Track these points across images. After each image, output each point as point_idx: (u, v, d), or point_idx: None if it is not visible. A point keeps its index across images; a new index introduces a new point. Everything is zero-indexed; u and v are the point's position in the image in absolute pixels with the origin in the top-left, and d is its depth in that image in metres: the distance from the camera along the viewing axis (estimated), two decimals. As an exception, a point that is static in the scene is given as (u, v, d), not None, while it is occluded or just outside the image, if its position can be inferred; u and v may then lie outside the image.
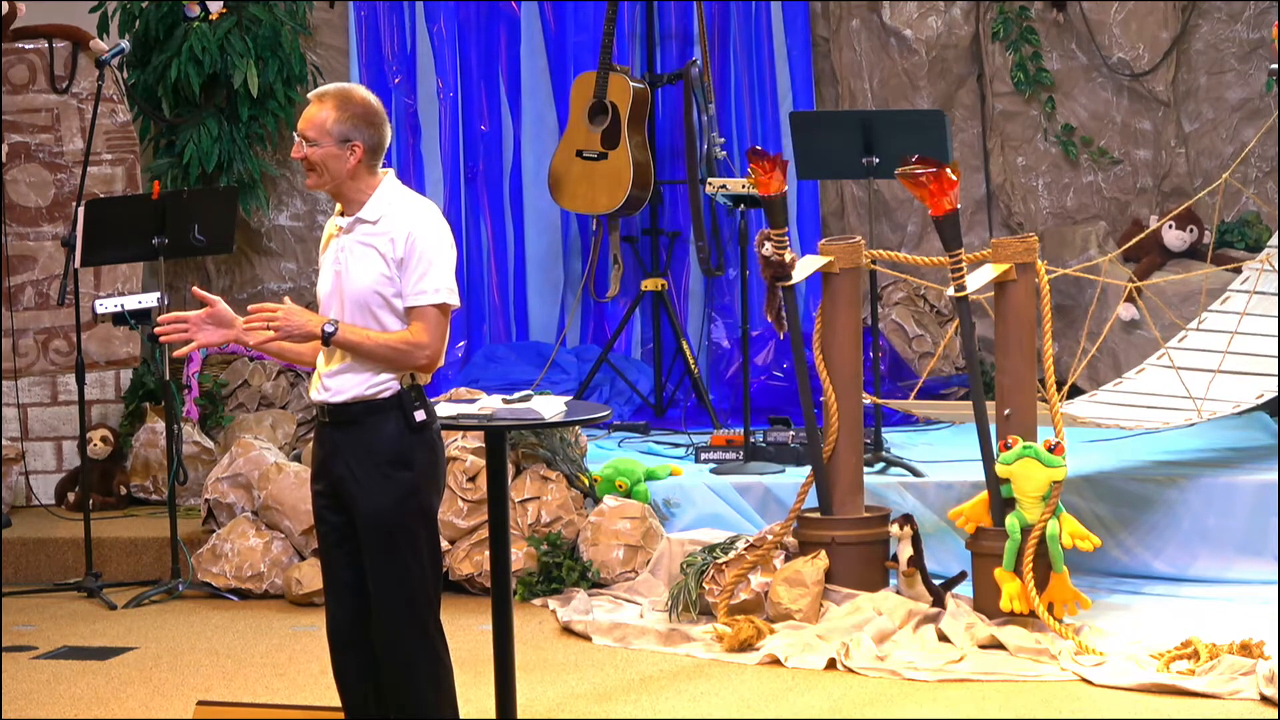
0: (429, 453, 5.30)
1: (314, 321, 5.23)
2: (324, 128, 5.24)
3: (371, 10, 10.25)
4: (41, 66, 9.39)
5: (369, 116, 5.27)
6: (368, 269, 5.25)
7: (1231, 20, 10.13)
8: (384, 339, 5.24)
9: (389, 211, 5.27)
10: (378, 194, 5.29)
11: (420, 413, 5.27)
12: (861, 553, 7.47)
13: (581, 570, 7.99)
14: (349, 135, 5.24)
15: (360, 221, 5.28)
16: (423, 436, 5.28)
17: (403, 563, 5.27)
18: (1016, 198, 10.27)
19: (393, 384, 5.26)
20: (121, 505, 9.15)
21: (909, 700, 6.58)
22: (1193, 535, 7.96)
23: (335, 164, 5.26)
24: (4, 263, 9.23)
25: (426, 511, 5.31)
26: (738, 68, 10.41)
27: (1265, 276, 8.69)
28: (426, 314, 5.24)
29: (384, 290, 5.24)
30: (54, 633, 7.76)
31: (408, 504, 5.26)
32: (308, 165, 5.29)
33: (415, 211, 5.28)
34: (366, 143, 5.25)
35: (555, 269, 10.48)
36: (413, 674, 5.31)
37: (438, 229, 5.28)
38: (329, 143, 5.24)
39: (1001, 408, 7.31)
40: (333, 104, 5.26)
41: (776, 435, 8.68)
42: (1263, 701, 6.39)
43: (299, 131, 5.29)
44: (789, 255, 7.48)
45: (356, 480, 5.27)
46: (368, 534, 5.27)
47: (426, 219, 5.27)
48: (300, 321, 5.22)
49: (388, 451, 5.25)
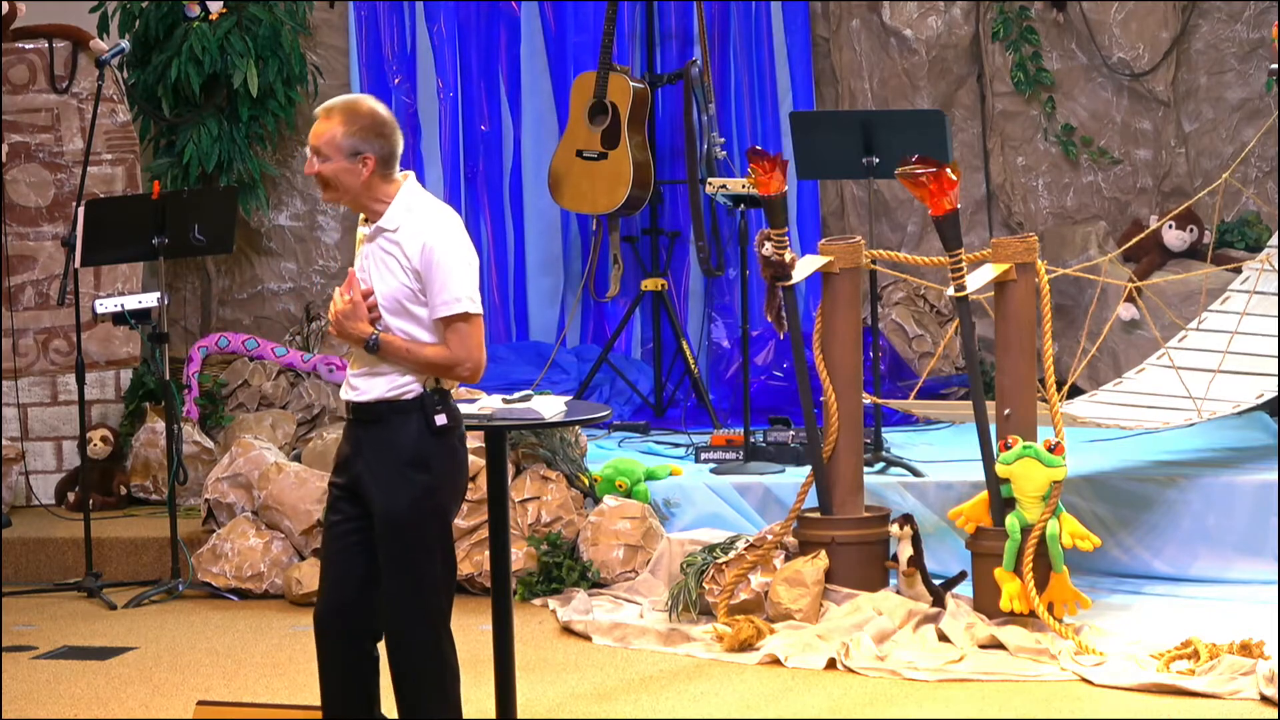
0: (449, 457, 5.30)
1: (362, 330, 5.23)
2: (334, 143, 5.21)
3: (371, 10, 10.24)
4: (41, 66, 9.39)
5: (378, 127, 5.23)
6: (389, 277, 5.25)
7: (1231, 20, 10.13)
8: (425, 353, 5.24)
9: (407, 220, 5.25)
10: (397, 201, 5.27)
11: (442, 417, 5.26)
12: (861, 553, 7.47)
13: (581, 570, 7.99)
14: (359, 148, 5.21)
15: (381, 230, 5.27)
16: (444, 441, 5.28)
17: (414, 564, 5.26)
18: (1016, 198, 10.26)
19: (416, 386, 5.26)
20: (121, 505, 9.14)
21: (909, 700, 6.58)
22: (1193, 535, 7.96)
23: (348, 178, 5.24)
24: (4, 263, 9.23)
25: (441, 515, 5.30)
26: (738, 68, 10.40)
27: (1265, 276, 8.69)
28: (454, 326, 5.23)
29: (407, 297, 5.24)
30: (54, 633, 7.75)
31: (422, 506, 5.26)
32: (321, 181, 5.27)
33: (432, 221, 5.25)
34: (378, 154, 5.23)
35: (555, 269, 10.47)
36: (419, 677, 5.31)
37: (454, 237, 5.25)
38: (340, 157, 5.22)
39: (1001, 408, 7.31)
40: (340, 118, 5.22)
41: (776, 435, 8.68)
42: (1263, 701, 6.39)
43: (310, 147, 5.27)
44: (789, 255, 7.48)
45: (375, 479, 5.27)
46: (382, 533, 5.28)
47: (442, 228, 5.24)
48: (353, 328, 5.23)
49: (407, 453, 5.25)
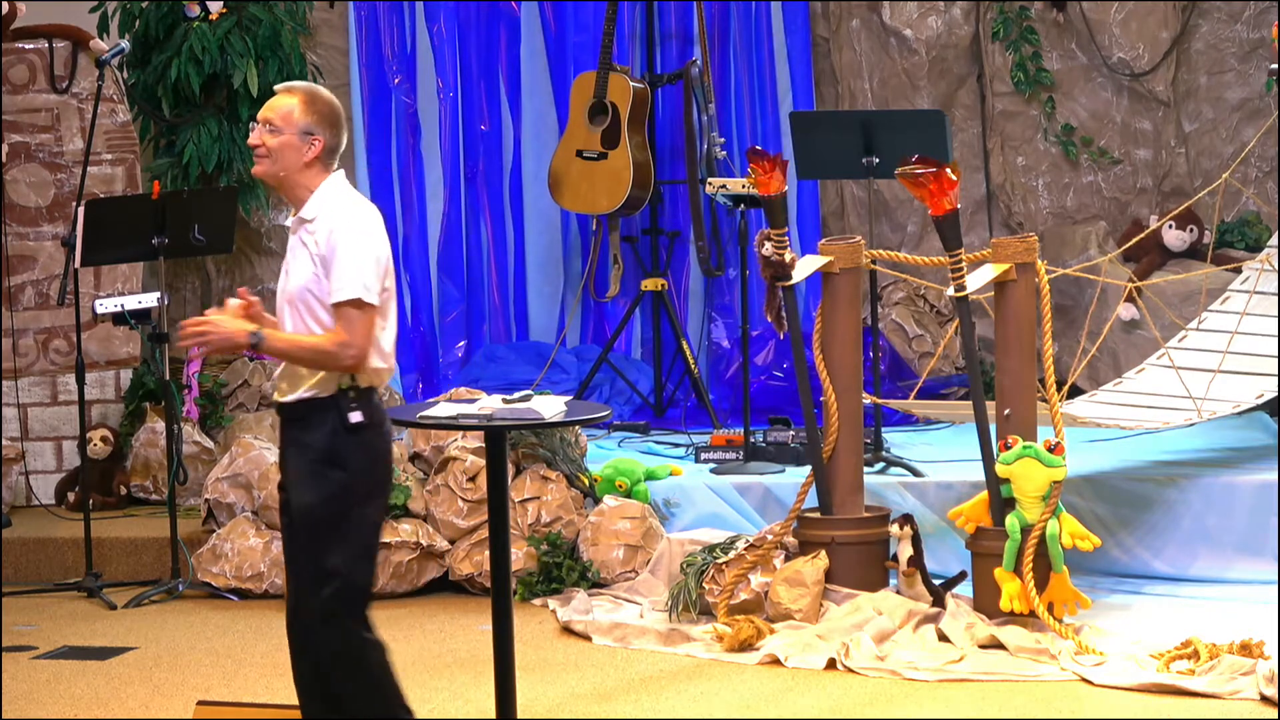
0: (364, 454, 5.25)
1: (241, 331, 5.21)
2: (290, 117, 5.26)
3: (371, 10, 10.24)
4: (41, 66, 9.39)
5: (334, 116, 5.29)
6: (302, 268, 5.25)
7: (1231, 20, 10.13)
8: (309, 342, 5.21)
9: (323, 211, 5.25)
10: (319, 192, 5.28)
11: (357, 414, 5.22)
12: (861, 553, 7.47)
13: (581, 570, 7.99)
14: (312, 129, 5.26)
15: (301, 221, 5.29)
16: (359, 438, 5.23)
17: (322, 561, 5.22)
18: (1016, 198, 10.27)
19: (334, 384, 5.23)
20: (121, 505, 9.14)
21: (909, 700, 6.58)
22: (1193, 535, 7.96)
23: (292, 154, 5.26)
24: (4, 263, 9.23)
25: (355, 513, 5.25)
26: (738, 68, 10.41)
27: (1265, 276, 8.69)
28: (344, 312, 5.18)
29: (315, 289, 5.23)
30: (54, 633, 7.75)
31: (334, 504, 5.22)
32: (262, 151, 5.27)
33: (346, 212, 5.25)
34: (327, 140, 5.27)
35: (555, 269, 10.47)
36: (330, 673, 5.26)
37: (364, 229, 5.23)
38: (291, 131, 5.25)
39: (1001, 408, 7.31)
40: (301, 97, 5.28)
41: (776, 435, 8.68)
42: (1263, 701, 6.39)
43: (261, 118, 5.28)
44: (789, 255, 7.48)
45: (292, 476, 5.29)
46: (295, 529, 5.27)
47: (353, 217, 5.24)
48: (228, 332, 5.21)
49: (321, 450, 5.23)
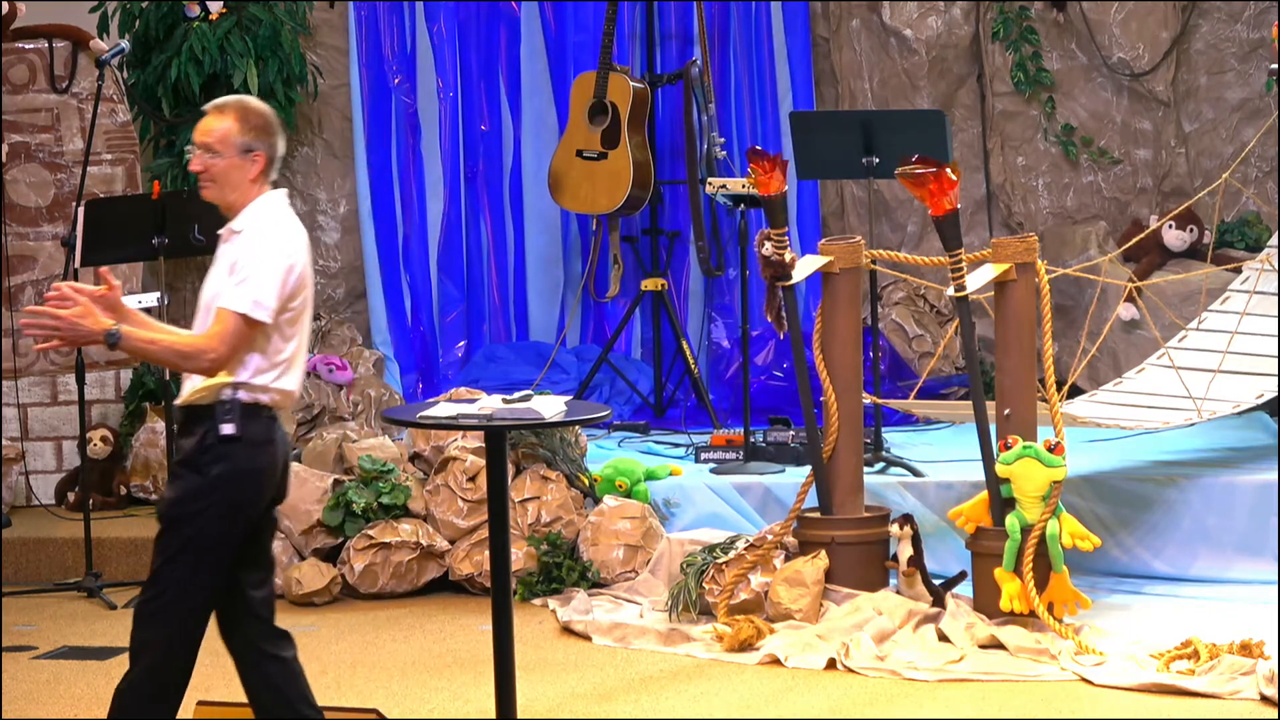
0: (227, 466, 5.14)
1: (96, 330, 5.07)
2: (228, 139, 5.20)
3: (371, 10, 10.24)
4: (41, 66, 9.39)
5: (269, 128, 5.24)
6: (219, 276, 5.19)
7: (1231, 20, 10.13)
8: (167, 341, 5.14)
9: (251, 224, 5.20)
10: (253, 206, 5.23)
11: (229, 427, 5.11)
12: (861, 553, 7.47)
13: (581, 570, 7.99)
14: (252, 146, 5.21)
15: (231, 231, 5.24)
16: (224, 449, 5.13)
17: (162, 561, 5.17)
18: (1016, 198, 10.26)
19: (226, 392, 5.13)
20: (121, 505, 9.14)
21: (909, 700, 6.58)
22: (1193, 535, 7.96)
23: (236, 174, 5.21)
24: (4, 263, 9.23)
25: (201, 524, 5.14)
26: (738, 68, 10.40)
27: (1265, 276, 8.69)
28: (225, 318, 5.09)
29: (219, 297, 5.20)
30: (54, 633, 7.75)
31: (182, 507, 5.16)
32: (206, 177, 5.22)
33: (269, 225, 5.19)
34: (268, 153, 5.23)
35: (555, 269, 10.47)
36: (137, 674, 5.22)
37: (280, 246, 5.16)
38: (232, 153, 5.20)
39: (1001, 408, 7.31)
40: (234, 115, 5.22)
41: (776, 435, 8.68)
42: (1263, 701, 6.39)
43: (199, 142, 5.22)
44: (789, 255, 7.48)
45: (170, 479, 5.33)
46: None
47: (274, 235, 5.17)
48: (83, 331, 5.08)
49: (186, 453, 5.18)
